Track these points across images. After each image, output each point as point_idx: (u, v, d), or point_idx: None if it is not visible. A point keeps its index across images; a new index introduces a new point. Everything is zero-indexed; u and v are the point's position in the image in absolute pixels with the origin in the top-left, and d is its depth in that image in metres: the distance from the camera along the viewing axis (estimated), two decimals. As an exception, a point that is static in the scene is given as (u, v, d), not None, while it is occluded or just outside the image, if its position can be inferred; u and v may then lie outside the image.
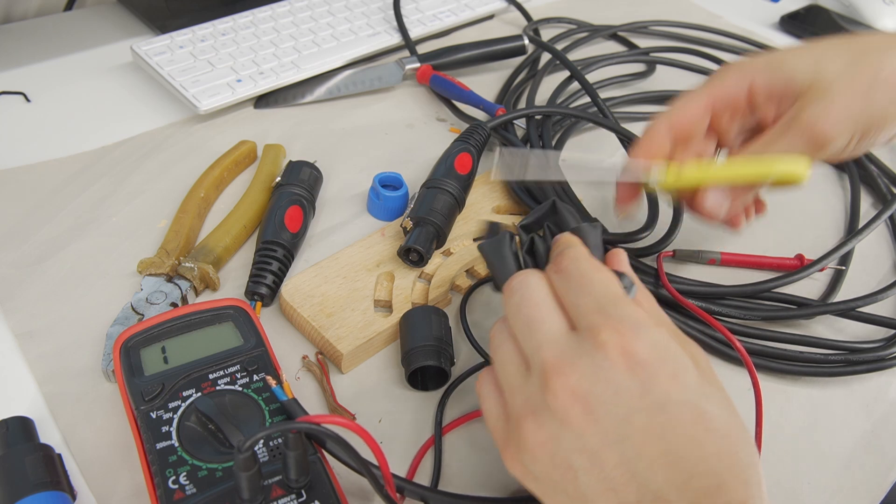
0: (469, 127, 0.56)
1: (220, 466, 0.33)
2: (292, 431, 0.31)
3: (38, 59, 0.66)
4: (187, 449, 0.34)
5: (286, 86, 0.64)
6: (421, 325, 0.42)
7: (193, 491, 0.32)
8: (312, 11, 0.71)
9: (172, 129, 0.59)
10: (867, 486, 0.40)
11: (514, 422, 0.29)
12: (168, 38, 0.65)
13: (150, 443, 0.34)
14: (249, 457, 0.30)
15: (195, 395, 0.36)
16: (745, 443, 0.27)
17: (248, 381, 0.37)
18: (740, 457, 0.26)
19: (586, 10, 0.82)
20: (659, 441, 0.26)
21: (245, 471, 0.30)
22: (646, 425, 0.26)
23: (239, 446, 0.30)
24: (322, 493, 0.33)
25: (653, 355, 0.27)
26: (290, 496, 0.32)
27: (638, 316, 0.28)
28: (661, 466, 0.26)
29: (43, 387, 0.40)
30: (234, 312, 0.41)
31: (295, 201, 0.49)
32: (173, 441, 0.34)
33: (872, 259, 0.55)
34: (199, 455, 0.34)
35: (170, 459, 0.33)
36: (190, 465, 0.33)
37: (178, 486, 0.32)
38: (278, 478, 0.33)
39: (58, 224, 0.50)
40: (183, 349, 0.38)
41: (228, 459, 0.34)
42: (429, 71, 0.66)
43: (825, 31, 0.84)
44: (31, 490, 0.31)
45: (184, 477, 0.33)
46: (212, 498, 0.32)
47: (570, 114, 0.60)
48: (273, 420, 0.36)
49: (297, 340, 0.44)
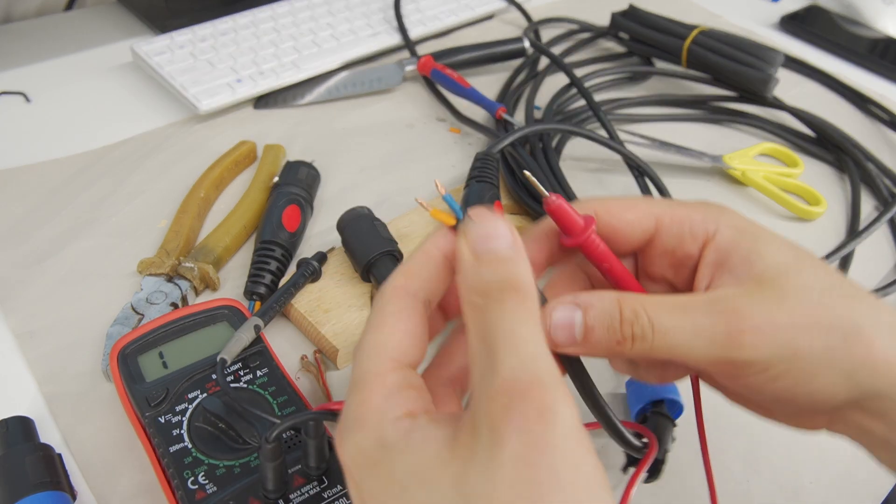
0: (481, 160, 0.51)
1: (237, 462, 0.34)
2: (318, 416, 0.31)
3: (38, 59, 0.66)
4: (201, 449, 0.34)
5: (286, 86, 0.64)
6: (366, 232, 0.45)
7: (214, 489, 0.33)
8: (312, 11, 0.71)
9: (172, 129, 0.59)
10: (869, 485, 0.40)
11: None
12: (168, 38, 0.65)
13: (163, 447, 0.34)
14: (276, 447, 0.31)
15: (201, 396, 0.36)
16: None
17: (253, 378, 0.38)
18: None
19: (586, 10, 0.82)
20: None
21: (272, 460, 0.31)
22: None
23: (266, 437, 0.30)
24: (340, 479, 0.34)
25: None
26: (312, 483, 0.33)
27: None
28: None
29: (43, 387, 0.40)
30: (229, 312, 0.41)
31: (293, 201, 0.49)
32: (186, 443, 0.34)
33: (873, 261, 0.55)
34: (213, 454, 0.34)
35: (185, 461, 0.34)
36: (207, 465, 0.34)
37: (199, 486, 0.33)
38: (298, 467, 0.34)
39: (58, 224, 0.50)
40: (181, 352, 0.39)
41: (244, 455, 0.34)
42: (430, 62, 0.66)
43: (825, 32, 0.84)
44: (31, 490, 0.31)
45: (202, 476, 0.33)
46: (234, 494, 0.33)
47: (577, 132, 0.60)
48: (283, 413, 0.36)
49: (297, 340, 0.44)
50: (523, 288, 0.23)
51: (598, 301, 0.27)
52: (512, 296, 0.23)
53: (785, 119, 0.68)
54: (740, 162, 0.60)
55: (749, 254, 0.29)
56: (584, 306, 0.27)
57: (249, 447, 0.35)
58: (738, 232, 0.29)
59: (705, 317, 0.27)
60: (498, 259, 0.24)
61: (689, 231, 0.30)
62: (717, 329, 0.27)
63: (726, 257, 0.29)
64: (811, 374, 0.27)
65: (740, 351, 0.27)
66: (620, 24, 0.74)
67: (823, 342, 0.27)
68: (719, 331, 0.27)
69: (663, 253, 0.31)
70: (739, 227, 0.29)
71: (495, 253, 0.24)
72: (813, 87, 0.75)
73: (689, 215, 0.30)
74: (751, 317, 0.27)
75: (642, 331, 0.27)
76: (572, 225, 0.29)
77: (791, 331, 0.27)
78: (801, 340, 0.27)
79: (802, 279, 0.28)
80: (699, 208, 0.30)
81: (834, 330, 0.27)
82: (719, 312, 0.27)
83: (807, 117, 0.66)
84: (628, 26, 0.73)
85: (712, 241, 0.30)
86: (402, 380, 0.24)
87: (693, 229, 0.30)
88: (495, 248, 0.24)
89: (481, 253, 0.24)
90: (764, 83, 0.64)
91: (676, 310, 0.27)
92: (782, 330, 0.27)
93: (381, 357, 0.24)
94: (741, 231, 0.29)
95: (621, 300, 0.27)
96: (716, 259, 0.29)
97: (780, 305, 0.27)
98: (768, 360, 0.27)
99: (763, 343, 0.27)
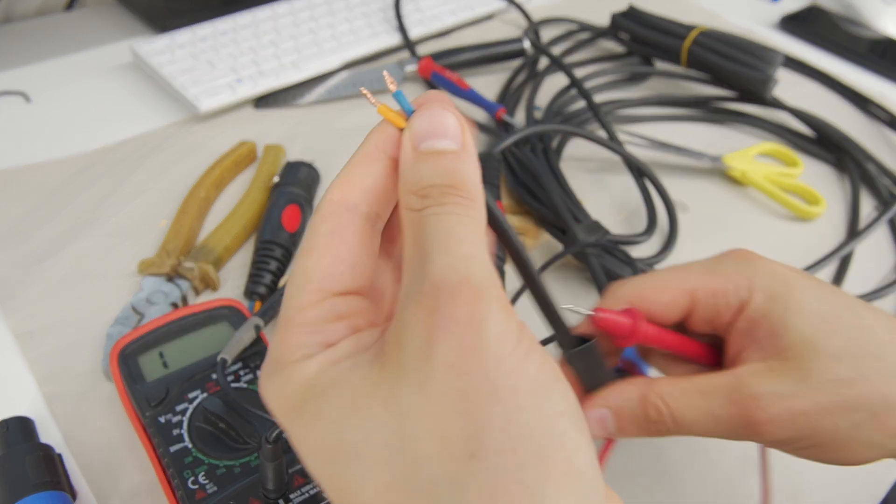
0: (482, 161, 0.53)
1: (238, 462, 0.34)
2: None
3: (38, 59, 0.66)
4: (201, 449, 0.34)
5: (286, 86, 0.64)
6: None
7: (215, 489, 0.33)
8: (312, 11, 0.71)
9: (172, 129, 0.59)
10: (867, 484, 0.40)
11: None
12: (168, 38, 0.65)
13: (164, 447, 0.34)
14: (277, 446, 0.31)
15: (202, 396, 0.36)
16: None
17: (253, 377, 0.38)
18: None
19: (586, 10, 0.82)
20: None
21: (273, 460, 0.31)
22: None
23: (266, 437, 0.30)
24: None
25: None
26: (312, 483, 0.33)
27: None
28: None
29: (43, 387, 0.40)
30: (229, 312, 0.41)
31: (293, 201, 0.49)
32: (186, 443, 0.34)
33: (873, 261, 0.55)
34: (213, 454, 0.34)
35: (186, 461, 0.34)
36: (207, 465, 0.34)
37: (199, 486, 0.33)
38: (298, 467, 0.33)
39: (58, 224, 0.50)
40: (181, 352, 0.39)
41: (244, 455, 0.34)
42: (431, 65, 0.66)
43: (825, 32, 0.84)
44: (31, 490, 0.31)
45: (203, 476, 0.33)
46: (234, 494, 0.33)
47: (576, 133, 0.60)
48: None
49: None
50: (466, 187, 0.21)
51: (624, 401, 0.30)
52: (452, 196, 0.21)
53: (785, 119, 0.68)
54: (740, 162, 0.60)
55: (776, 326, 0.29)
56: (614, 409, 0.30)
57: (249, 447, 0.34)
58: (769, 300, 0.29)
59: (724, 406, 0.28)
60: (440, 154, 0.21)
61: (724, 303, 0.30)
62: (734, 420, 0.28)
63: (755, 327, 0.29)
64: (839, 448, 0.28)
65: (759, 437, 0.28)
66: (620, 24, 0.74)
67: (849, 422, 0.27)
68: (737, 422, 0.28)
69: (702, 322, 0.31)
70: (771, 294, 0.29)
71: (438, 148, 0.21)
72: (813, 88, 0.75)
73: (723, 287, 0.30)
74: (768, 407, 0.27)
75: (666, 426, 0.29)
76: (622, 329, 0.30)
77: (813, 416, 0.27)
78: (825, 423, 0.27)
79: (830, 350, 0.28)
80: (732, 276, 0.30)
81: (860, 409, 0.27)
82: (737, 401, 0.28)
83: (807, 117, 0.66)
84: (628, 27, 0.73)
85: (745, 310, 0.30)
86: (328, 312, 0.21)
87: (728, 300, 0.30)
88: (439, 143, 0.21)
89: (423, 149, 0.21)
90: (763, 84, 0.64)
91: (697, 397, 0.29)
92: (802, 416, 0.27)
93: (306, 289, 0.21)
94: (772, 298, 0.29)
95: (645, 398, 0.29)
96: (746, 328, 0.30)
97: (803, 387, 0.27)
98: (789, 441, 0.28)
99: (781, 430, 0.28)
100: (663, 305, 0.31)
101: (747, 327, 0.30)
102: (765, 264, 0.30)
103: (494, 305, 0.19)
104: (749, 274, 0.30)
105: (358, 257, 0.22)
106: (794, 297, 0.29)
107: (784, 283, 0.29)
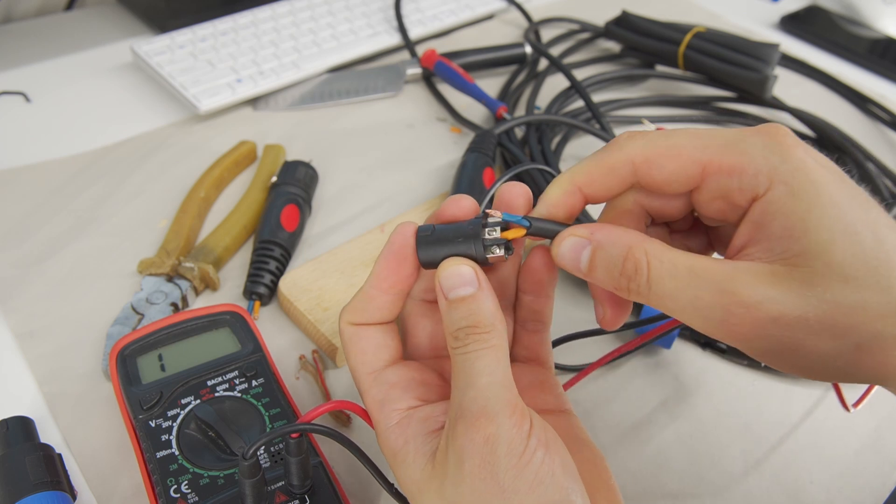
0: (479, 135, 0.55)
1: (222, 473, 0.33)
2: (293, 435, 0.31)
3: (38, 59, 0.66)
4: (188, 457, 0.34)
5: (286, 86, 0.64)
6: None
7: (196, 499, 0.32)
8: (312, 11, 0.71)
9: (172, 129, 0.59)
10: (870, 484, 0.40)
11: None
12: (168, 38, 0.65)
13: (150, 451, 0.34)
14: (254, 463, 0.30)
15: (194, 403, 0.36)
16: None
17: (248, 387, 0.37)
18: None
19: (587, 10, 0.82)
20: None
21: (249, 477, 0.30)
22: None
23: (243, 453, 0.29)
24: (325, 498, 0.33)
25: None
26: (294, 502, 0.32)
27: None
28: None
29: (43, 387, 0.40)
30: (231, 318, 0.40)
31: (291, 200, 0.49)
32: (174, 449, 0.34)
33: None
34: (200, 463, 0.33)
35: (171, 468, 0.33)
36: (191, 474, 0.33)
37: (181, 495, 0.32)
38: (281, 483, 0.33)
39: (58, 224, 0.50)
40: (180, 356, 0.38)
41: (230, 466, 0.33)
42: (434, 55, 0.66)
43: (825, 32, 0.84)
44: (32, 490, 0.31)
45: (186, 485, 0.32)
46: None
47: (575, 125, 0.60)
48: (273, 426, 0.35)
49: (297, 339, 0.44)
50: (483, 323, 0.27)
51: (609, 244, 0.27)
52: (474, 335, 0.27)
53: (785, 119, 0.68)
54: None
55: (793, 230, 0.25)
56: (596, 245, 0.27)
57: (236, 458, 0.34)
58: (791, 196, 0.25)
59: (710, 294, 0.25)
60: (462, 300, 0.28)
61: (737, 186, 0.26)
62: (714, 312, 0.25)
63: (770, 221, 0.26)
64: (806, 366, 0.26)
65: (731, 339, 0.26)
66: (614, 32, 0.73)
67: (830, 346, 0.25)
68: (717, 315, 0.25)
69: (709, 201, 0.28)
70: (795, 190, 0.25)
71: (460, 295, 0.28)
72: (813, 87, 0.75)
73: (740, 166, 0.26)
74: (757, 314, 0.24)
75: (638, 287, 0.26)
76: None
77: (798, 332, 0.25)
78: (806, 341, 0.25)
79: (842, 269, 0.24)
80: (755, 157, 0.26)
81: (847, 338, 0.25)
82: (726, 294, 0.25)
83: (807, 117, 0.66)
84: (622, 35, 0.72)
85: (761, 200, 0.26)
86: (384, 386, 0.30)
87: (742, 184, 0.26)
88: (460, 291, 0.28)
89: (450, 298, 0.28)
90: (762, 84, 0.64)
91: (685, 276, 0.26)
92: (788, 330, 0.25)
93: (364, 378, 0.30)
94: (795, 196, 0.25)
95: (632, 249, 0.26)
96: (758, 220, 0.26)
97: (800, 303, 0.24)
98: (761, 349, 0.26)
99: (760, 340, 0.25)
100: (669, 174, 0.27)
101: (760, 220, 0.26)
102: (796, 153, 0.26)
103: (505, 425, 0.25)
104: (775, 160, 0.26)
105: (387, 333, 0.31)
106: (821, 202, 0.25)
107: (812, 181, 0.25)
